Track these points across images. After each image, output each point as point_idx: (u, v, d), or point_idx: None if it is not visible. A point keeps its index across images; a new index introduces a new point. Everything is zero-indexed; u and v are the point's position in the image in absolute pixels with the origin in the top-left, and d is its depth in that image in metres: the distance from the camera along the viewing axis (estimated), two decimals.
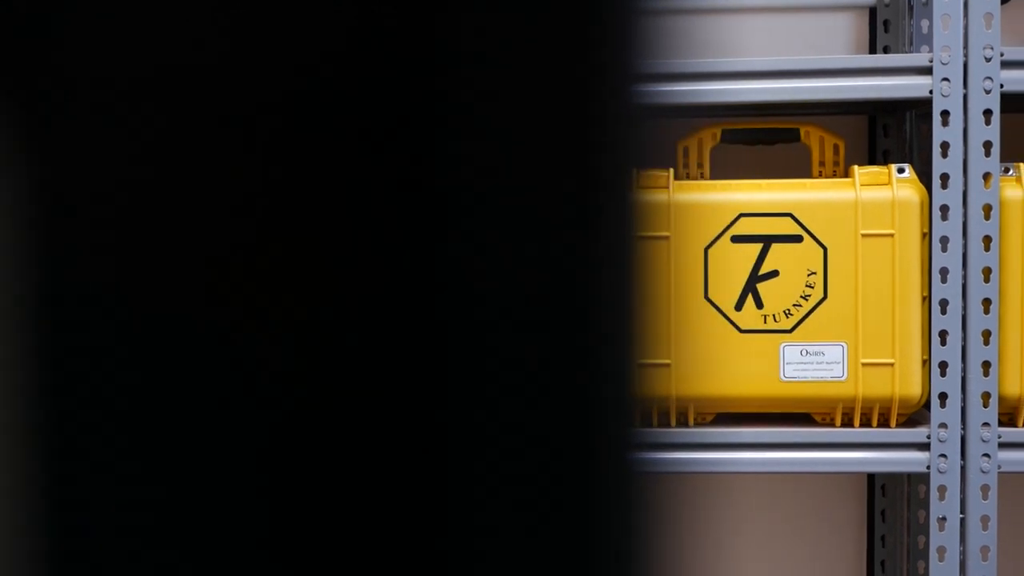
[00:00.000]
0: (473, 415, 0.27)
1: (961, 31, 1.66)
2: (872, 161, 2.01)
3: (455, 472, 0.27)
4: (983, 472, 1.68)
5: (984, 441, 1.68)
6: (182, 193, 0.27)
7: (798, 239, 1.68)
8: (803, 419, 1.73)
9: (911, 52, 1.87)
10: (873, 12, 2.01)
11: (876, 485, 2.04)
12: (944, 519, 1.69)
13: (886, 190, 1.68)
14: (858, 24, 2.02)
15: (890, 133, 1.99)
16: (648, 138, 0.27)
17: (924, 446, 1.69)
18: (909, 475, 1.94)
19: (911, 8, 1.91)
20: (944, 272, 1.68)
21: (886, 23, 1.99)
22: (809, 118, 1.85)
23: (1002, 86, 1.66)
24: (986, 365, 1.67)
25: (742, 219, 1.69)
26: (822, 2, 2.02)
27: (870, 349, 1.68)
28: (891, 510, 2.03)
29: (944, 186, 1.67)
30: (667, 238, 1.75)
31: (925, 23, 1.76)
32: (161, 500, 0.28)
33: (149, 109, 0.27)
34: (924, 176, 1.70)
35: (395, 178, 0.27)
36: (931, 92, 1.66)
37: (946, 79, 1.66)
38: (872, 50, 2.00)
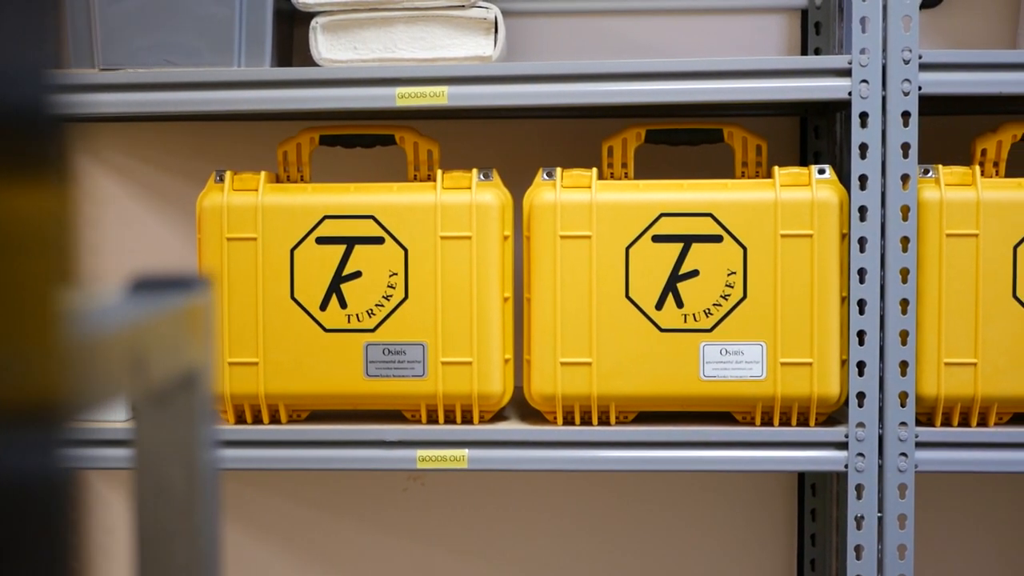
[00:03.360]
0: None
1: (880, 33, 1.67)
2: (804, 162, 2.02)
3: None
4: (900, 471, 1.69)
5: (901, 440, 1.69)
6: None
7: (718, 239, 1.69)
8: (725, 418, 1.74)
9: (840, 54, 1.88)
10: (805, 15, 2.02)
11: (806, 484, 2.05)
12: (862, 518, 1.70)
13: (806, 191, 1.69)
14: (790, 27, 2.03)
15: (821, 134, 2.00)
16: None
17: (842, 445, 1.70)
18: (837, 474, 1.95)
19: (841, 11, 1.92)
20: (862, 272, 1.69)
21: (817, 25, 2.00)
22: (740, 119, 1.86)
23: (920, 88, 1.67)
24: (904, 365, 1.68)
25: (663, 219, 1.70)
26: (754, 4, 2.03)
27: (789, 349, 1.69)
28: (821, 509, 2.05)
29: (863, 187, 1.68)
30: (589, 237, 1.74)
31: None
32: None
33: None
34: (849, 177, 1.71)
35: None
36: (850, 94, 1.67)
37: (865, 81, 1.67)
38: (804, 52, 2.02)
